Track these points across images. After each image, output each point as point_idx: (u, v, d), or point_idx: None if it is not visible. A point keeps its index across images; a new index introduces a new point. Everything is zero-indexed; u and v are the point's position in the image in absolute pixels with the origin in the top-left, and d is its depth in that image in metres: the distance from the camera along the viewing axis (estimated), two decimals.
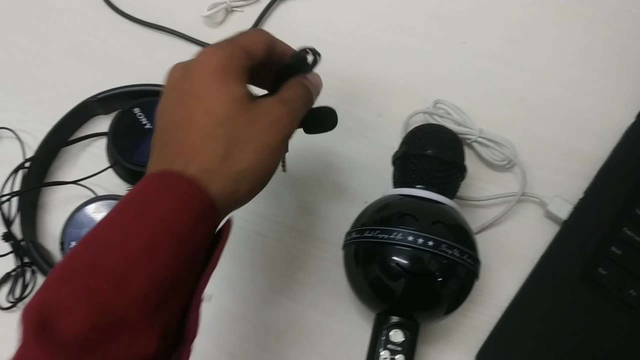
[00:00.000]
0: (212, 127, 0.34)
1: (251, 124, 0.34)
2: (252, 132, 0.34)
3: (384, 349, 0.45)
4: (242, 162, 0.34)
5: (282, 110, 0.36)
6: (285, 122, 0.36)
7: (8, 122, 0.59)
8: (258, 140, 0.34)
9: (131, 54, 0.63)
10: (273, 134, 0.35)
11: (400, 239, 0.44)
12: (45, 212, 0.56)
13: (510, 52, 0.63)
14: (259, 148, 0.34)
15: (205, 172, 0.33)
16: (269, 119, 0.35)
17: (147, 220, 0.31)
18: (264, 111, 0.35)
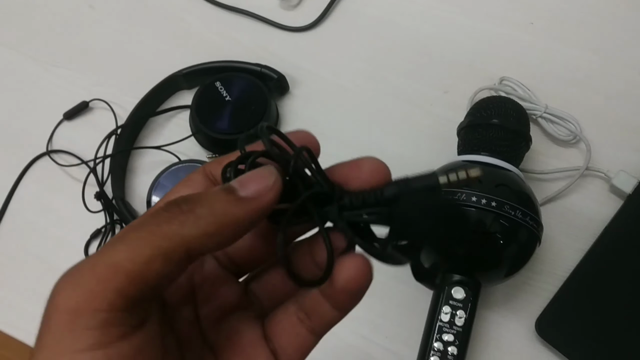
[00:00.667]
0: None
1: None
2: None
3: (446, 305, 0.47)
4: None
5: (58, 291, 0.20)
6: (57, 313, 0.20)
7: (103, 95, 0.64)
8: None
9: (212, 34, 0.68)
10: (40, 344, 0.20)
11: (465, 199, 0.46)
12: (133, 175, 0.61)
13: (578, 34, 0.64)
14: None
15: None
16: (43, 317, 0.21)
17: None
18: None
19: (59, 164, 0.61)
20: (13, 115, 0.65)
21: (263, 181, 0.23)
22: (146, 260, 0.20)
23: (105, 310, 0.19)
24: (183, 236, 0.21)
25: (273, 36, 0.67)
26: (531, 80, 0.60)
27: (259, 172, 0.23)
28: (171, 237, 0.20)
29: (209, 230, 0.21)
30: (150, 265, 0.20)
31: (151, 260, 0.20)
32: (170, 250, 0.20)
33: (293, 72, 0.64)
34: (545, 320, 0.51)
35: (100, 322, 0.19)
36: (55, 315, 0.20)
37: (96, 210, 0.58)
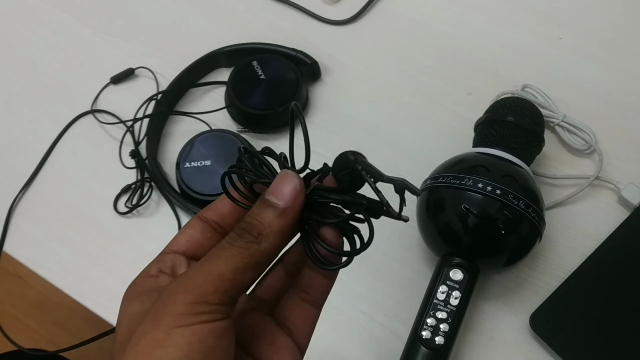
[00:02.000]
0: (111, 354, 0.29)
1: (137, 329, 0.27)
2: (133, 337, 0.27)
3: (443, 284, 0.50)
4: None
5: (166, 292, 0.27)
6: (167, 304, 0.27)
7: (149, 64, 0.69)
8: (137, 342, 0.26)
9: (255, 19, 0.72)
10: (153, 326, 0.26)
11: (471, 185, 0.48)
12: (167, 139, 0.65)
13: (604, 52, 0.66)
14: (139, 351, 0.26)
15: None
16: (151, 311, 0.27)
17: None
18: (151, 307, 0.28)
19: (101, 121, 0.66)
20: (66, 75, 0.70)
21: (291, 185, 0.29)
22: (242, 271, 0.27)
23: (214, 304, 0.27)
24: (263, 251, 0.28)
25: (312, 27, 0.71)
26: (553, 90, 0.62)
27: (283, 178, 0.29)
28: (255, 254, 0.28)
29: (277, 240, 0.28)
30: (245, 274, 0.28)
31: (245, 271, 0.28)
32: (257, 262, 0.28)
33: (326, 61, 0.68)
34: (540, 316, 0.53)
35: (210, 310, 0.27)
36: (175, 306, 0.26)
37: (130, 167, 0.62)
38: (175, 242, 0.33)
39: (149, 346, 0.26)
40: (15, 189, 0.63)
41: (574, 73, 0.65)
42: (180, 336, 0.26)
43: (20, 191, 0.62)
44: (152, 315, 0.27)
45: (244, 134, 0.64)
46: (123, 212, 0.61)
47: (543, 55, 0.67)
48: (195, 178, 0.59)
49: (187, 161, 0.60)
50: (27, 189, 0.63)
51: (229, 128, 0.64)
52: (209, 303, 0.26)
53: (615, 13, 0.69)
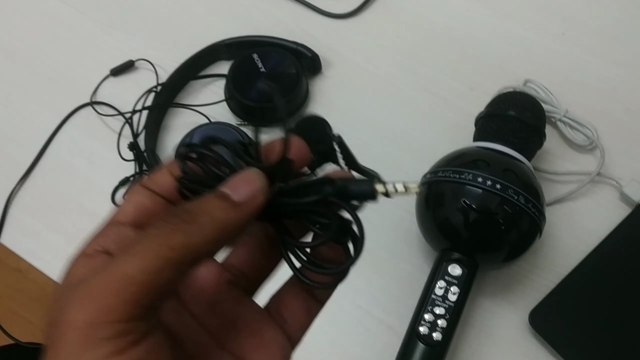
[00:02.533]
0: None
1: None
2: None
3: (441, 279, 0.49)
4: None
5: (69, 303, 0.21)
6: (68, 322, 0.20)
7: (149, 57, 0.68)
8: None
9: (257, 12, 0.72)
10: (53, 351, 0.21)
11: (470, 179, 0.48)
12: (166, 131, 0.65)
13: (607, 47, 0.66)
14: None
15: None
16: (51, 328, 0.21)
17: None
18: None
19: (100, 113, 0.66)
20: (66, 66, 0.69)
21: (253, 184, 0.24)
22: (157, 270, 0.21)
23: (122, 321, 0.20)
24: (189, 245, 0.22)
25: (314, 20, 0.71)
26: (555, 86, 0.62)
27: (247, 175, 0.24)
28: (178, 248, 0.21)
29: (212, 237, 0.22)
30: (161, 275, 0.21)
31: (161, 270, 0.21)
32: (178, 259, 0.21)
33: (328, 54, 0.67)
34: (540, 313, 0.52)
35: (117, 331, 0.20)
36: (70, 331, 0.20)
37: (128, 159, 0.62)
38: (120, 210, 0.27)
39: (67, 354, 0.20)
40: (13, 180, 0.62)
41: (576, 68, 0.65)
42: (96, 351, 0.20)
43: (19, 183, 0.62)
44: (52, 346, 0.20)
45: (244, 127, 0.64)
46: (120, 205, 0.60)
47: (546, 50, 0.66)
48: None
49: None
50: (25, 181, 0.63)
51: (229, 121, 0.64)
52: (114, 322, 0.20)
53: (619, 8, 0.68)
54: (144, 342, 0.21)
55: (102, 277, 0.21)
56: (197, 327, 0.26)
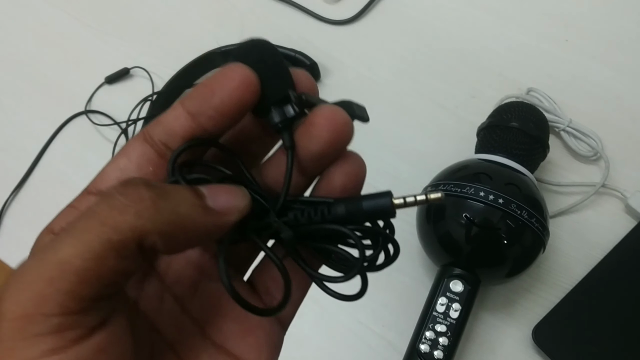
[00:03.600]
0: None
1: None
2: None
3: (442, 296, 0.48)
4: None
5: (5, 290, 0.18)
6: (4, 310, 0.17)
7: (145, 64, 0.67)
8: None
9: (254, 18, 0.71)
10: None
11: (472, 194, 0.46)
12: None
13: (611, 55, 0.64)
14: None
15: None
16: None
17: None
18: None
19: (95, 123, 0.64)
20: (60, 74, 0.68)
21: (234, 200, 0.21)
22: (97, 256, 0.17)
23: (57, 315, 0.17)
24: (136, 229, 0.18)
25: (312, 27, 0.70)
26: (559, 94, 0.61)
27: (233, 189, 0.21)
28: (123, 229, 0.18)
29: (164, 229, 0.18)
30: (103, 262, 0.17)
31: (102, 255, 0.17)
32: (121, 244, 0.18)
33: (326, 62, 0.66)
34: (543, 329, 0.51)
35: (52, 327, 0.17)
36: (4, 324, 0.17)
37: None
38: (103, 176, 0.23)
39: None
40: (6, 190, 0.61)
41: (580, 76, 0.63)
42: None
43: (12, 193, 0.61)
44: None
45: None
46: None
47: (549, 57, 0.65)
48: None
49: None
50: (19, 191, 0.62)
51: None
52: (49, 315, 0.17)
53: (623, 14, 0.67)
54: (92, 339, 0.18)
55: (36, 263, 0.17)
56: (179, 313, 0.23)
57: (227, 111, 0.21)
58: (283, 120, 0.22)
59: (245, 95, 0.21)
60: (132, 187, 0.18)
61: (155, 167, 0.22)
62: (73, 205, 0.23)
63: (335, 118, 0.22)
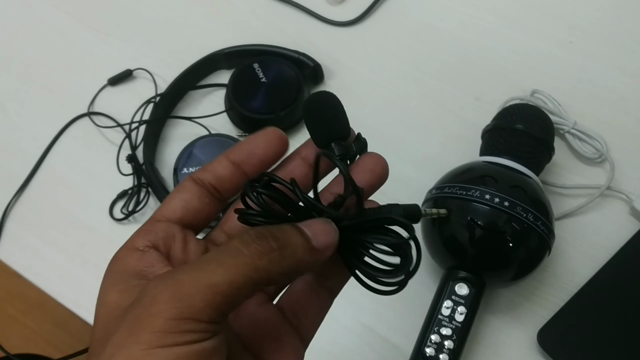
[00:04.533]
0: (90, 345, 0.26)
1: (112, 331, 0.24)
2: (107, 347, 0.23)
3: (448, 299, 0.48)
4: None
5: (147, 297, 0.23)
6: (148, 316, 0.23)
7: (148, 66, 0.67)
8: (111, 357, 0.23)
9: (257, 20, 0.71)
10: (129, 341, 0.23)
11: (478, 196, 0.46)
12: (165, 143, 0.63)
13: (617, 56, 0.64)
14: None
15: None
16: (127, 318, 0.23)
17: None
18: (128, 309, 0.24)
19: (97, 125, 0.64)
20: (63, 75, 0.68)
21: (330, 237, 0.26)
22: (239, 286, 0.23)
23: (204, 321, 0.23)
24: (269, 271, 0.24)
25: (315, 28, 0.69)
26: (563, 96, 0.60)
27: (327, 227, 0.26)
28: (260, 271, 0.24)
29: (287, 270, 0.25)
30: (241, 291, 0.24)
31: (242, 287, 0.24)
32: (257, 281, 0.24)
33: (330, 63, 0.66)
34: (549, 332, 0.51)
35: (197, 328, 0.23)
36: (158, 319, 0.23)
37: (126, 172, 0.60)
38: (168, 207, 0.28)
39: (139, 348, 0.22)
40: (9, 193, 0.61)
41: (585, 78, 0.63)
42: (162, 358, 0.22)
43: (14, 196, 0.61)
44: (129, 324, 0.23)
45: (244, 138, 0.62)
46: (119, 218, 0.59)
47: (553, 59, 0.65)
48: None
49: (185, 167, 0.58)
50: (22, 194, 0.61)
51: (229, 132, 0.62)
52: (198, 320, 0.23)
53: (628, 15, 0.67)
54: (214, 339, 0.24)
55: (193, 279, 0.23)
56: (229, 330, 0.28)
57: (267, 162, 0.29)
58: (343, 154, 0.29)
59: (281, 151, 0.29)
60: (263, 238, 0.25)
61: (209, 201, 0.29)
62: (149, 230, 0.28)
63: (381, 163, 0.30)
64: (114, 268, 0.27)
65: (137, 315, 0.23)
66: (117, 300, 0.25)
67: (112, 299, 0.25)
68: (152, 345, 0.22)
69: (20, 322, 1.32)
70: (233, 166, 0.29)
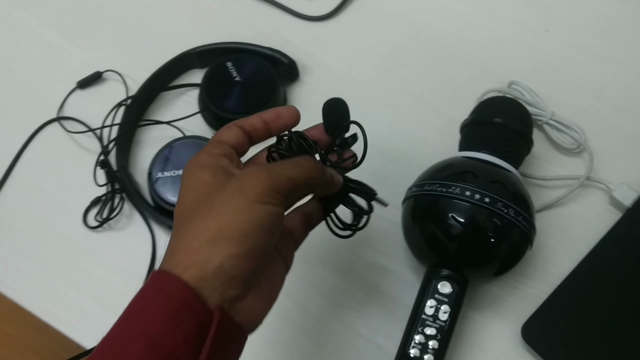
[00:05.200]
0: (184, 211, 0.35)
1: (215, 194, 0.34)
2: (219, 200, 0.34)
3: (431, 298, 0.47)
4: (206, 229, 0.33)
5: (254, 173, 0.35)
6: (253, 183, 0.34)
7: (118, 67, 0.65)
8: (222, 206, 0.33)
9: (230, 17, 0.69)
10: (238, 195, 0.33)
11: (458, 193, 0.46)
12: (139, 147, 0.62)
13: (593, 44, 0.64)
14: (223, 212, 0.33)
15: (179, 255, 0.33)
16: (235, 184, 0.34)
17: (120, 324, 0.31)
18: (232, 180, 0.35)
19: (68, 130, 0.62)
20: (30, 79, 0.66)
21: (340, 179, 0.40)
22: (299, 183, 0.36)
23: (282, 196, 0.34)
24: (315, 180, 0.37)
25: (289, 24, 0.68)
26: (541, 86, 0.60)
27: (338, 174, 0.40)
28: (313, 178, 0.37)
29: (322, 185, 0.38)
30: (299, 187, 0.36)
31: (299, 184, 0.36)
32: (308, 183, 0.37)
33: (305, 60, 0.65)
34: (532, 326, 0.51)
35: (277, 200, 0.34)
36: (257, 185, 0.34)
37: (100, 181, 0.59)
38: (226, 135, 0.39)
39: (234, 209, 0.33)
40: None
41: (562, 67, 0.63)
42: (259, 209, 0.33)
43: None
44: (236, 187, 0.34)
45: None
46: (93, 226, 0.58)
47: (530, 49, 0.64)
48: (169, 189, 0.56)
49: (160, 171, 0.57)
50: None
51: (204, 133, 0.61)
52: (279, 193, 0.34)
53: (604, 3, 0.66)
54: (282, 209, 0.35)
55: (279, 169, 0.36)
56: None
57: (287, 126, 0.41)
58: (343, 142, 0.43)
59: (296, 122, 0.41)
60: (319, 163, 0.38)
61: (246, 141, 0.40)
62: (216, 146, 0.38)
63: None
64: (200, 162, 0.37)
65: (242, 183, 0.34)
66: (211, 178, 0.36)
67: (207, 177, 0.36)
68: (253, 200, 0.33)
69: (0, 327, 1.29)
70: (264, 123, 0.40)
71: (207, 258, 0.31)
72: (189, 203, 0.35)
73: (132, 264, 0.56)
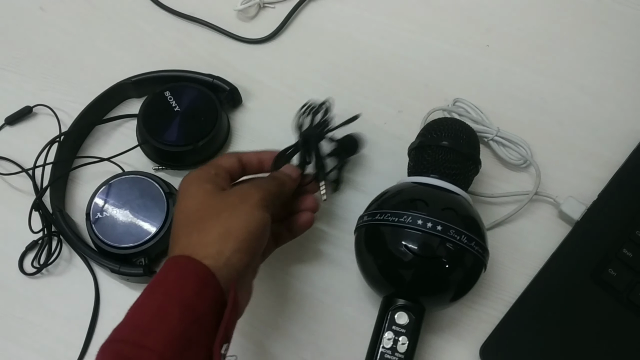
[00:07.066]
0: (190, 213, 0.43)
1: (222, 201, 0.43)
2: (224, 205, 0.43)
3: (388, 330, 0.46)
4: (217, 227, 0.41)
5: (250, 187, 0.45)
6: (252, 193, 0.44)
7: (49, 101, 0.62)
8: (229, 210, 0.42)
9: (166, 42, 0.66)
10: (241, 202, 0.43)
11: (410, 222, 0.45)
12: (75, 185, 0.59)
13: (533, 57, 0.64)
14: (231, 215, 0.42)
15: (194, 247, 0.40)
16: (237, 193, 0.44)
17: (155, 294, 0.38)
18: (234, 191, 0.44)
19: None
20: None
21: (296, 172, 0.50)
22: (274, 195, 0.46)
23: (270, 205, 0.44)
24: (275, 190, 0.47)
25: (229, 47, 0.66)
26: (485, 102, 0.60)
27: (294, 168, 0.51)
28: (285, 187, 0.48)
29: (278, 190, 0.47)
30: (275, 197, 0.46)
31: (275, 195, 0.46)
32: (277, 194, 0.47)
33: (247, 84, 0.63)
34: (490, 347, 0.50)
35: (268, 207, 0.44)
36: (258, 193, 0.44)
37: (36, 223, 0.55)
38: (225, 161, 0.48)
39: (240, 213, 0.42)
40: None
41: (504, 81, 0.63)
42: (258, 214, 0.43)
43: None
44: (238, 196, 0.43)
45: (161, 172, 0.59)
46: (31, 272, 0.54)
47: (472, 65, 0.64)
48: (110, 229, 0.53)
49: (99, 211, 0.54)
50: None
51: (144, 167, 0.59)
52: (270, 202, 0.44)
53: (542, 17, 0.67)
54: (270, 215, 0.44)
55: (266, 184, 0.46)
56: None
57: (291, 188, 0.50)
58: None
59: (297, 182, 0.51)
60: (277, 179, 0.48)
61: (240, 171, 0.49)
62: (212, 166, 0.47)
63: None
64: (200, 176, 0.45)
65: (243, 192, 0.44)
66: (212, 189, 0.44)
67: (209, 187, 0.44)
68: (253, 206, 0.43)
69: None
70: (259, 162, 0.50)
71: (220, 250, 0.40)
72: (191, 208, 0.43)
73: (74, 312, 0.53)
